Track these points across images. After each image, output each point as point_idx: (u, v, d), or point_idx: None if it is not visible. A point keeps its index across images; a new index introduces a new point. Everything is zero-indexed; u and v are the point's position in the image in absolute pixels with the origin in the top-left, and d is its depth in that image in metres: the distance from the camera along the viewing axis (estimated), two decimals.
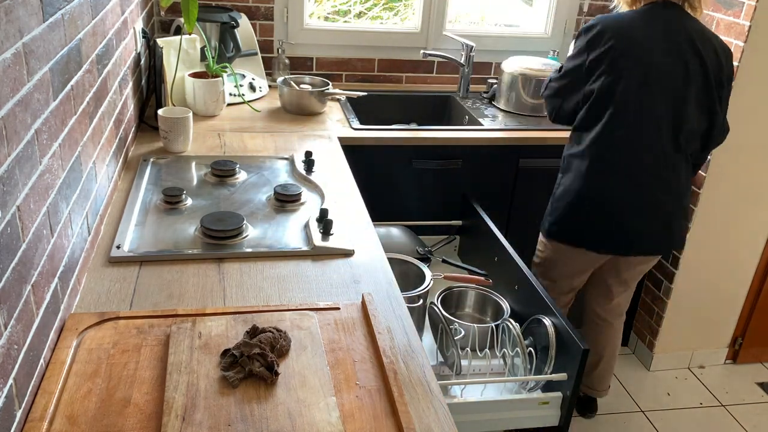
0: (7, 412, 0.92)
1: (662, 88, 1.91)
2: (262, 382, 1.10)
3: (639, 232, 2.04)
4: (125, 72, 1.89)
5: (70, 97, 1.26)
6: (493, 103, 2.78)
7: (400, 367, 1.19)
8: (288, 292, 1.38)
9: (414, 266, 1.98)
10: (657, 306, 2.76)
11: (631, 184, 1.98)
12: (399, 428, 1.04)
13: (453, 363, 1.77)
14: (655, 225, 2.03)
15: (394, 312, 1.35)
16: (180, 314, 1.26)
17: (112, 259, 1.44)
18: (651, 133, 1.94)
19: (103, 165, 1.57)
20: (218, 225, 1.54)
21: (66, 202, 1.22)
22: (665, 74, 1.91)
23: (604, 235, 2.05)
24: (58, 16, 1.18)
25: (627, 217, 2.01)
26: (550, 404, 1.74)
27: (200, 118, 2.27)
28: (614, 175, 1.98)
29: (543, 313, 1.81)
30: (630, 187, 1.98)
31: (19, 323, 0.97)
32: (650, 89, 1.91)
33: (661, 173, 1.98)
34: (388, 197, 2.39)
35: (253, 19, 2.66)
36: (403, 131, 2.42)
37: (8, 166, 0.93)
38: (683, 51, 1.90)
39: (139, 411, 1.03)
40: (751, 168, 2.50)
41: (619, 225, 2.02)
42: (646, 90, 1.91)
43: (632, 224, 2.02)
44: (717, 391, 2.75)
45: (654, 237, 2.06)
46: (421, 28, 2.86)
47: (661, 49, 1.91)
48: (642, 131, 1.94)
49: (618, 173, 1.98)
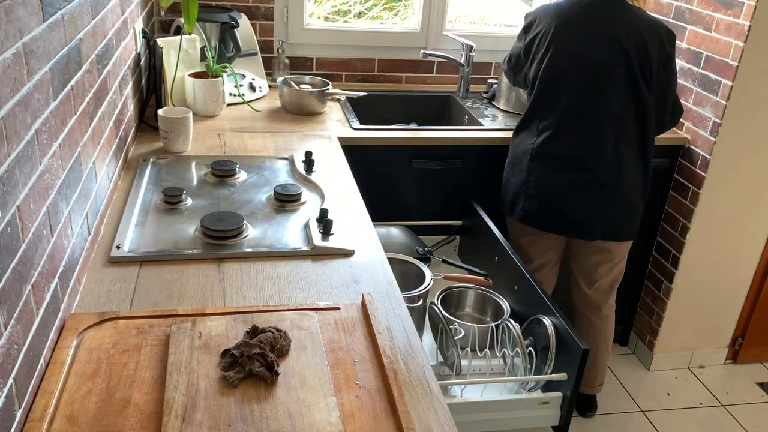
0: (7, 412, 0.92)
1: (584, 76, 2.02)
2: (262, 382, 1.10)
3: (562, 213, 2.13)
4: (125, 72, 1.89)
5: (70, 97, 1.26)
6: (493, 103, 2.78)
7: (400, 367, 1.19)
8: (288, 292, 1.38)
9: (414, 266, 1.98)
10: (657, 306, 2.76)
11: (550, 167, 2.10)
12: (399, 428, 1.04)
13: (453, 363, 1.77)
14: (579, 209, 2.11)
15: (394, 312, 1.35)
16: (180, 314, 1.26)
17: (112, 259, 1.44)
18: (572, 119, 2.05)
19: (103, 165, 1.57)
20: (218, 225, 1.54)
21: (66, 202, 1.22)
22: (587, 62, 2.01)
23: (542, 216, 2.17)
24: (58, 16, 1.18)
25: (549, 198, 2.13)
26: (550, 404, 1.74)
27: (200, 118, 2.27)
28: (535, 159, 2.11)
29: (543, 313, 1.81)
30: (549, 170, 2.10)
31: (19, 323, 0.97)
32: (568, 76, 2.03)
33: (585, 161, 2.07)
34: (388, 197, 2.39)
35: (253, 19, 2.66)
36: (403, 131, 2.42)
37: (8, 166, 0.93)
38: (605, 38, 1.99)
39: (139, 411, 1.03)
40: (751, 168, 2.50)
41: (554, 206, 2.13)
42: (565, 77, 2.03)
43: (555, 205, 2.13)
44: (717, 391, 2.75)
45: (579, 221, 2.14)
46: (421, 28, 2.86)
47: (582, 36, 2.02)
48: (563, 118, 2.06)
49: (538, 157, 2.11)
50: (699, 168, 2.50)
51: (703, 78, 2.46)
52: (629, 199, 2.13)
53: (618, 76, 2.00)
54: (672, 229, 2.65)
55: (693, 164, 2.52)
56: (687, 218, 2.57)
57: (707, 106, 2.45)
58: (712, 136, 2.43)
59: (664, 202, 2.68)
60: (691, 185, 2.54)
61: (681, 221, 2.60)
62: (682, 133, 2.58)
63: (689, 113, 2.54)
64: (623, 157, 2.07)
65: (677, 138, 2.56)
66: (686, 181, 2.56)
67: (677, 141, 2.55)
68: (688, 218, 2.56)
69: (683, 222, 2.59)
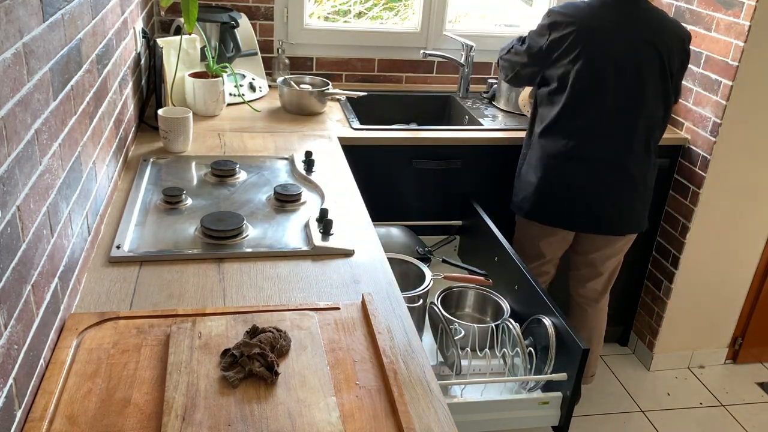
0: (7, 412, 0.92)
1: (619, 77, 2.02)
2: (262, 382, 1.10)
3: (592, 213, 2.15)
4: (125, 72, 1.89)
5: (70, 97, 1.26)
6: (493, 103, 2.78)
7: (400, 367, 1.19)
8: (288, 292, 1.38)
9: (414, 266, 1.98)
10: (657, 306, 2.76)
11: (584, 169, 2.10)
12: (399, 428, 1.04)
13: (453, 363, 1.77)
14: (610, 207, 2.14)
15: (394, 312, 1.35)
16: (180, 314, 1.26)
17: (112, 259, 1.44)
18: (608, 120, 2.05)
19: (103, 165, 1.57)
20: (218, 225, 1.54)
21: (66, 202, 1.22)
22: (622, 63, 2.01)
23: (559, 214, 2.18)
24: (58, 16, 1.18)
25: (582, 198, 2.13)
26: (550, 404, 1.74)
27: (200, 118, 2.27)
28: (568, 161, 2.11)
29: (543, 313, 1.81)
30: (584, 171, 2.10)
31: (19, 323, 0.97)
32: (607, 78, 2.02)
33: (619, 159, 2.09)
34: (388, 197, 2.39)
35: (253, 19, 2.66)
36: (403, 131, 2.42)
37: (8, 166, 0.93)
38: (640, 41, 2.00)
39: (139, 411, 1.03)
40: (751, 168, 2.50)
41: (571, 204, 2.14)
42: (604, 79, 2.02)
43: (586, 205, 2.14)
44: (717, 391, 2.75)
45: (608, 218, 2.16)
46: (421, 28, 2.86)
47: (618, 38, 2.01)
48: (598, 119, 2.05)
49: (572, 159, 2.10)
50: (699, 168, 2.50)
51: (703, 78, 2.46)
52: (649, 191, 2.20)
53: (652, 76, 2.02)
54: (672, 229, 2.65)
55: (693, 164, 2.52)
56: (687, 218, 2.57)
57: (707, 106, 2.45)
58: (712, 136, 2.43)
59: (664, 202, 2.68)
60: (691, 185, 2.54)
61: (681, 221, 2.60)
62: (682, 133, 2.58)
63: (689, 113, 2.54)
64: (651, 153, 2.13)
65: (677, 138, 2.56)
66: (686, 181, 2.56)
67: (677, 141, 2.55)
68: (688, 218, 2.57)
69: (683, 222, 2.59)
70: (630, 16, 2.02)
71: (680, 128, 2.59)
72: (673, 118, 2.62)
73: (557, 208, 2.17)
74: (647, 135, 2.09)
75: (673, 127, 2.62)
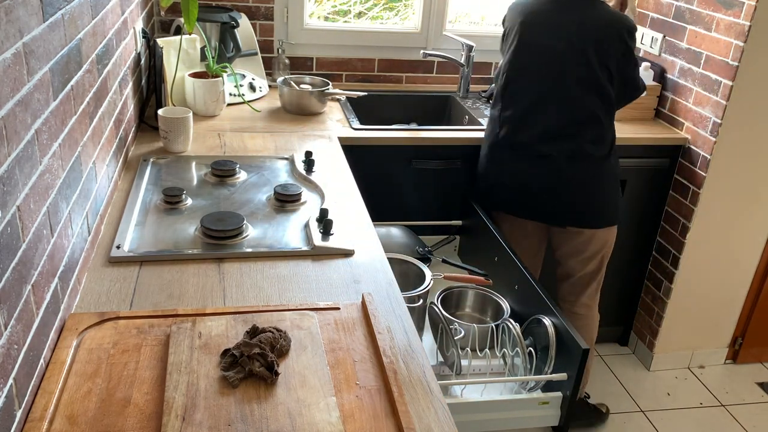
0: (7, 412, 0.92)
1: (541, 66, 2.07)
2: (262, 382, 1.10)
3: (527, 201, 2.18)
4: (125, 72, 1.89)
5: (70, 97, 1.26)
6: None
7: (400, 367, 1.19)
8: (288, 292, 1.38)
9: (414, 266, 1.98)
10: (657, 306, 2.76)
11: (516, 157, 2.16)
12: (399, 428, 1.04)
13: (453, 363, 1.77)
14: (544, 196, 2.15)
15: (394, 312, 1.35)
16: (180, 314, 1.26)
17: (112, 259, 1.44)
18: (533, 108, 2.10)
19: (103, 165, 1.57)
20: (218, 225, 1.54)
21: (66, 202, 1.22)
22: (544, 52, 2.06)
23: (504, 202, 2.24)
24: (58, 16, 1.18)
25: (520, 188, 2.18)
26: (550, 404, 1.74)
27: (200, 118, 2.27)
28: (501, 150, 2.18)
29: (543, 313, 1.81)
30: (516, 160, 2.16)
31: (19, 323, 0.97)
32: (531, 66, 2.08)
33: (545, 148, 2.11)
34: (388, 197, 2.39)
35: (253, 19, 2.66)
36: (403, 131, 2.42)
37: (8, 166, 0.93)
38: (569, 30, 2.03)
39: (139, 411, 1.03)
40: (751, 168, 2.50)
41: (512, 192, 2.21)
42: (528, 67, 2.09)
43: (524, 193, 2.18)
44: (717, 391, 2.75)
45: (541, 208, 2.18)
46: (421, 28, 2.86)
47: (547, 29, 2.07)
48: (528, 107, 2.10)
49: (504, 147, 2.17)
50: (699, 168, 2.50)
51: (703, 78, 2.46)
52: (592, 187, 2.14)
53: (575, 67, 2.03)
54: (672, 229, 2.65)
55: (693, 164, 2.52)
56: (687, 218, 2.57)
57: (707, 106, 2.45)
58: (712, 136, 2.43)
59: (664, 202, 2.68)
60: (691, 185, 2.54)
61: (681, 221, 2.60)
62: (682, 133, 2.58)
63: (689, 113, 2.54)
64: (585, 145, 2.09)
65: (677, 138, 2.56)
66: (686, 181, 2.56)
67: (677, 141, 2.56)
68: (688, 218, 2.57)
69: (683, 222, 2.59)
70: (564, 7, 2.06)
71: (680, 128, 2.59)
72: (673, 118, 2.62)
73: (501, 196, 2.24)
74: (577, 125, 2.07)
75: (673, 127, 2.62)
